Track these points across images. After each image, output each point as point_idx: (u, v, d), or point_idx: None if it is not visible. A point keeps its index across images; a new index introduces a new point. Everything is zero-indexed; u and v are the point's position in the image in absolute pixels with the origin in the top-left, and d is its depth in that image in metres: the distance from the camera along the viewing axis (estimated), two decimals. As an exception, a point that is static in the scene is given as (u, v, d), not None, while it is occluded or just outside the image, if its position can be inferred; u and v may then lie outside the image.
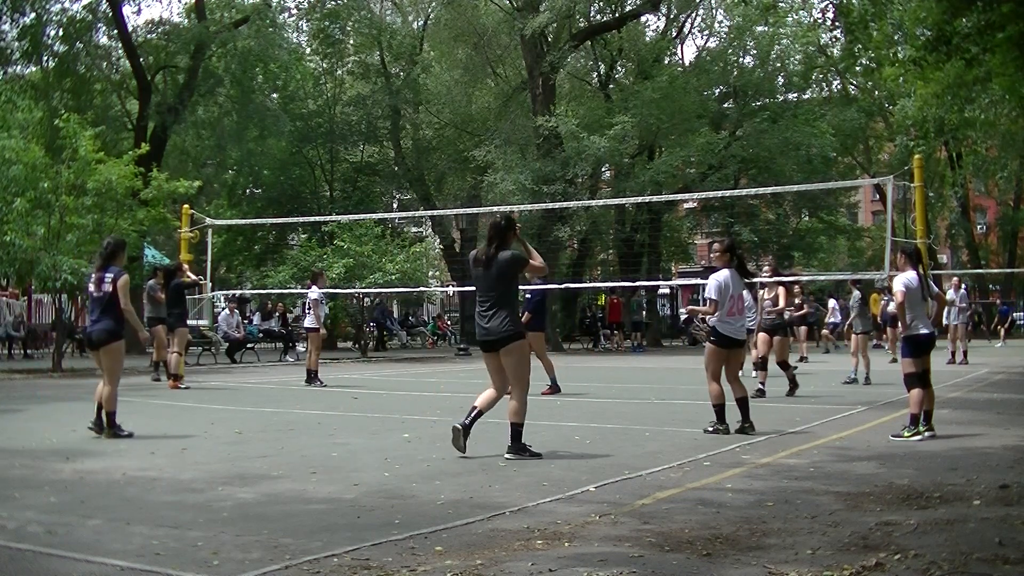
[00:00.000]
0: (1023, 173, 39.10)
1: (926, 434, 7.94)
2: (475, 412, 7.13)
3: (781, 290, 12.16)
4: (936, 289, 9.12)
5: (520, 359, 7.11)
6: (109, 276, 8.40)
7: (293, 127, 30.38)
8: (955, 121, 19.73)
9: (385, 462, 6.84)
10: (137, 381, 15.71)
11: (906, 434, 7.92)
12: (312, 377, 14.73)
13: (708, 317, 8.75)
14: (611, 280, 32.38)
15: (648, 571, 3.95)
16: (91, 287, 8.54)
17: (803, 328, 21.64)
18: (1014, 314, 30.96)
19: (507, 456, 7.03)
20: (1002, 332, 30.50)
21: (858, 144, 41.34)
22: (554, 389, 12.64)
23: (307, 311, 15.38)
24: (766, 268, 13.27)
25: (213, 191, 33.53)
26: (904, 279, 8.21)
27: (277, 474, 6.39)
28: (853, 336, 14.66)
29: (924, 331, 8.12)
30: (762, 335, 12.30)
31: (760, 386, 11.80)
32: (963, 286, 20.43)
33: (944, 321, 19.30)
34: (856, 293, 15.27)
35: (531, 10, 28.60)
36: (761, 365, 12.29)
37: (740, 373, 8.95)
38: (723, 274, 8.60)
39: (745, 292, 11.93)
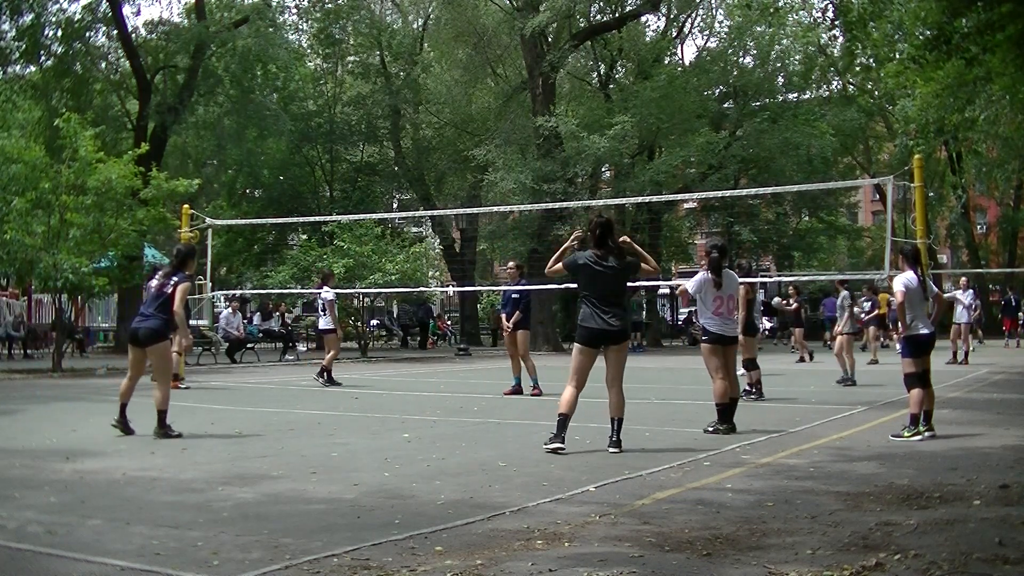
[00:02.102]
0: (1023, 173, 39.06)
1: (926, 434, 7.94)
2: (566, 420, 7.29)
3: (740, 290, 12.10)
4: (936, 289, 9.13)
5: (626, 355, 7.59)
6: (175, 279, 8.55)
7: (293, 127, 30.37)
8: (955, 121, 19.69)
9: (385, 462, 6.84)
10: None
11: (906, 434, 7.92)
12: (327, 376, 14.71)
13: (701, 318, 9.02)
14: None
15: (648, 571, 3.95)
16: (152, 284, 8.74)
17: (798, 329, 21.57)
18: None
19: (612, 451, 7.23)
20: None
21: (858, 144, 41.34)
22: (517, 390, 12.67)
23: (322, 312, 15.32)
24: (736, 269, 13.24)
25: (213, 191, 33.55)
26: (904, 279, 8.22)
27: (277, 474, 6.38)
28: (839, 336, 14.55)
29: (924, 331, 8.13)
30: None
31: (747, 387, 11.77)
32: (971, 287, 20.34)
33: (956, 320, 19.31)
34: (844, 293, 15.17)
35: (531, 10, 28.59)
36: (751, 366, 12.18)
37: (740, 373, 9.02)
38: (705, 274, 8.91)
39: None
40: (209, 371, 19.09)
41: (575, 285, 7.90)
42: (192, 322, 16.39)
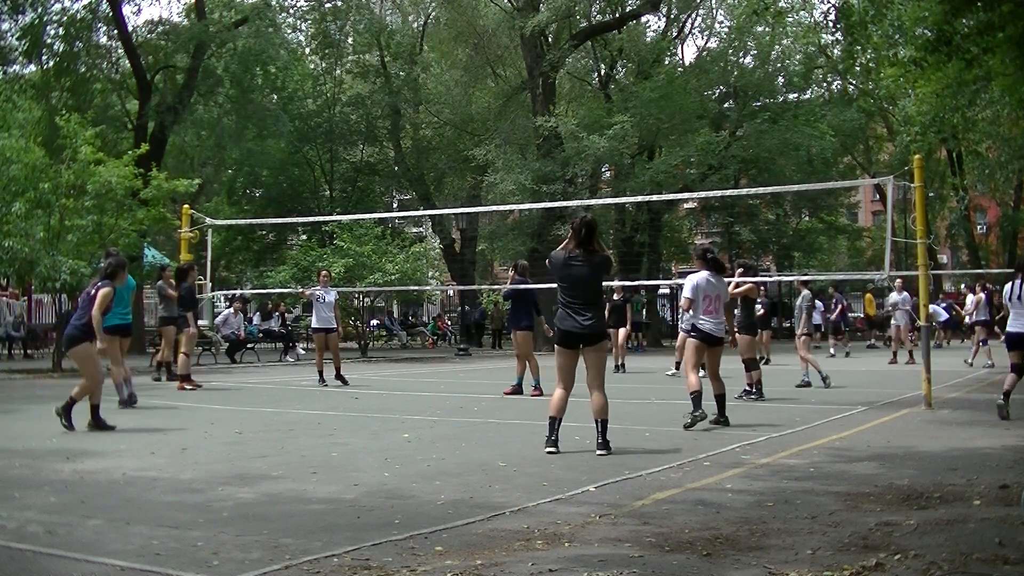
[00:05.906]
0: (1023, 173, 39.05)
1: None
2: (557, 423, 7.26)
3: (744, 289, 12.08)
4: None
5: (604, 355, 7.48)
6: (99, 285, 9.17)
7: (292, 127, 30.38)
8: (955, 121, 19.71)
9: (385, 462, 6.84)
10: (138, 381, 15.68)
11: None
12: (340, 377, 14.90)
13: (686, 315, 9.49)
14: (611, 280, 32.34)
15: (648, 571, 3.95)
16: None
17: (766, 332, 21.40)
18: None
19: (600, 453, 7.15)
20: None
21: (858, 144, 41.35)
22: (517, 390, 12.61)
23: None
24: (739, 270, 13.28)
25: (213, 190, 33.55)
26: (1007, 288, 9.63)
27: (277, 474, 6.38)
28: (801, 338, 14.37)
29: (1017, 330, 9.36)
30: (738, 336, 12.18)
31: (747, 387, 11.75)
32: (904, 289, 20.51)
33: (893, 321, 20.26)
34: (805, 292, 14.97)
35: (531, 10, 28.58)
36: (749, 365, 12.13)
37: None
38: (699, 276, 9.24)
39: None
40: (209, 371, 19.08)
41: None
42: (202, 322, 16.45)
